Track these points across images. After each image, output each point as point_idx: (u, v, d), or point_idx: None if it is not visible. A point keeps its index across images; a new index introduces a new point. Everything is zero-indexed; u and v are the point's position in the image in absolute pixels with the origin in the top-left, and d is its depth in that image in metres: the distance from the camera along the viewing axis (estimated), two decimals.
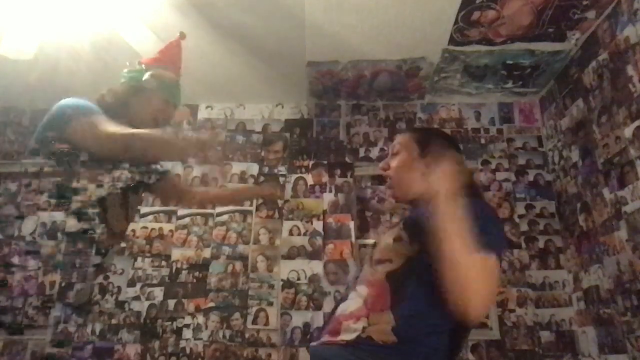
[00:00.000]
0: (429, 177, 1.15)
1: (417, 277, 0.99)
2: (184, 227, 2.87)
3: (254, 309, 2.66)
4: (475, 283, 0.89)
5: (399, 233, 1.10)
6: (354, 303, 1.07)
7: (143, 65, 1.61)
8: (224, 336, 2.61)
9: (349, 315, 1.05)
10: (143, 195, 1.70)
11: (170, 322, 2.65)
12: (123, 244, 2.72)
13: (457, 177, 1.12)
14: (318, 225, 2.83)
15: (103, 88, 1.58)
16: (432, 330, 0.94)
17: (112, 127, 1.33)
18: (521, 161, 2.93)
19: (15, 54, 2.06)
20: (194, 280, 2.74)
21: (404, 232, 1.09)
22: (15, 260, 1.32)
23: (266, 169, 3.02)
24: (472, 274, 0.89)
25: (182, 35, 1.74)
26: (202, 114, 3.20)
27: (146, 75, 1.56)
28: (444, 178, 1.00)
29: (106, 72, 2.74)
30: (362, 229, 2.85)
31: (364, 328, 0.99)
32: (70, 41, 2.39)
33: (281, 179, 2.99)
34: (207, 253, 2.80)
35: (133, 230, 2.86)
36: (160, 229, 2.87)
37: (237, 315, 2.65)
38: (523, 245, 2.73)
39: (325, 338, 1.07)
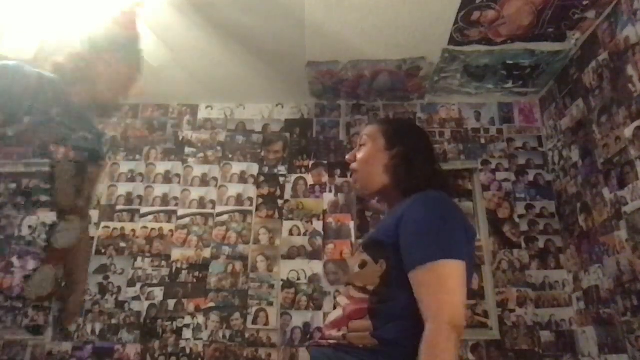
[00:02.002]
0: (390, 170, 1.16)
1: (396, 288, 0.99)
2: (184, 227, 2.87)
3: (254, 309, 2.66)
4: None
5: (362, 258, 1.09)
6: (335, 313, 1.09)
7: (104, 26, 1.51)
8: (224, 336, 2.61)
9: (330, 324, 1.07)
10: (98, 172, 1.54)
11: (170, 322, 2.65)
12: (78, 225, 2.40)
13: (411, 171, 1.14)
14: (318, 225, 2.84)
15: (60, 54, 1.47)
16: (416, 332, 0.93)
17: None
18: (521, 161, 2.93)
19: (15, 54, 2.06)
20: (194, 280, 2.74)
21: (366, 255, 1.08)
22: (15, 260, 1.31)
23: (266, 169, 3.02)
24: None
25: (140, 4, 1.64)
26: (202, 114, 3.20)
27: (105, 34, 1.46)
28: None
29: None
30: (362, 229, 2.84)
31: (344, 335, 1.01)
32: (70, 41, 2.39)
33: (281, 179, 2.99)
34: (207, 253, 2.80)
35: (133, 230, 2.86)
36: (160, 229, 2.87)
37: (237, 315, 2.65)
38: (523, 245, 2.73)
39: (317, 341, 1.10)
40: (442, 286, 0.92)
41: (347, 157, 1.29)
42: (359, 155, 1.24)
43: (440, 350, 0.89)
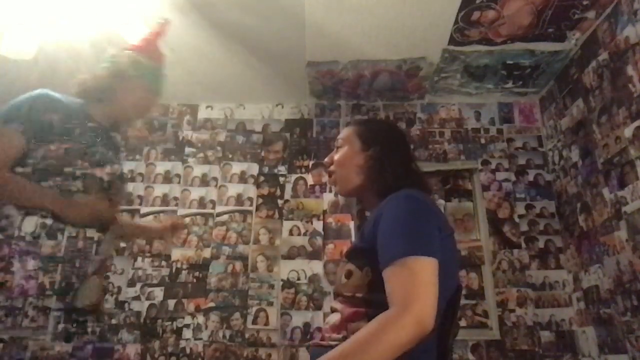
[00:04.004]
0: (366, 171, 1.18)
1: (384, 293, 0.96)
2: (184, 227, 2.87)
3: (254, 309, 2.66)
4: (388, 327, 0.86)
5: (347, 268, 1.09)
6: (333, 317, 1.08)
7: (129, 52, 1.57)
8: (224, 336, 2.61)
9: (330, 329, 1.07)
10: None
11: (170, 322, 2.65)
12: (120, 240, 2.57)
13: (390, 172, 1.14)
14: (318, 225, 2.84)
15: (85, 73, 1.54)
16: None
17: None
18: (521, 161, 2.93)
19: (15, 54, 2.06)
20: (194, 280, 2.74)
21: (351, 264, 1.08)
22: (16, 260, 1.31)
23: (266, 169, 3.02)
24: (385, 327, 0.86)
25: (166, 22, 1.69)
26: (202, 114, 3.20)
27: (130, 61, 1.53)
28: None
29: None
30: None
31: (344, 337, 1.00)
32: (70, 41, 2.39)
33: (281, 179, 2.99)
34: (207, 253, 2.80)
35: None
36: None
37: (237, 315, 2.65)
38: (523, 245, 2.73)
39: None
40: (413, 280, 0.90)
41: (325, 160, 1.32)
42: (336, 158, 1.26)
43: (385, 334, 0.85)
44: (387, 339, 0.84)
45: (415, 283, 0.90)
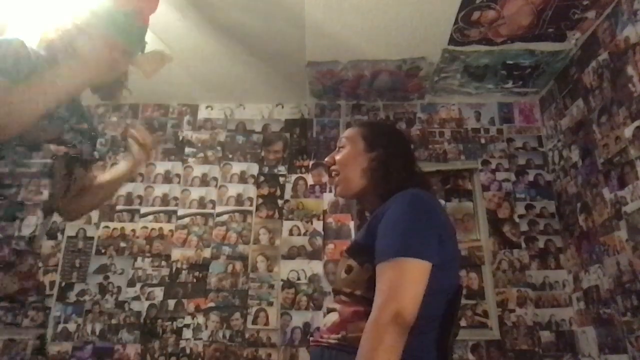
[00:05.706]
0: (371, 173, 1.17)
1: None
2: (184, 227, 2.87)
3: (254, 309, 2.66)
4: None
5: (347, 263, 1.09)
6: (331, 317, 1.08)
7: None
8: (224, 336, 2.61)
9: (328, 330, 1.07)
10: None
11: (170, 322, 2.65)
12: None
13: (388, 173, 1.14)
14: (318, 225, 2.84)
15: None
16: (414, 331, 0.93)
17: None
18: (521, 161, 2.93)
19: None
20: (194, 280, 2.74)
21: (352, 260, 1.08)
22: (15, 260, 1.30)
23: (266, 169, 3.02)
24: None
25: None
26: (202, 114, 3.20)
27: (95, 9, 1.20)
28: None
29: None
30: None
31: (343, 337, 1.01)
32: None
33: (281, 179, 2.99)
34: (207, 253, 2.80)
35: (133, 230, 2.86)
36: (160, 229, 2.87)
37: (237, 315, 2.65)
38: (523, 245, 2.73)
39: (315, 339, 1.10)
40: (398, 281, 0.92)
41: (325, 159, 1.31)
42: (338, 157, 1.26)
43: (376, 341, 0.88)
44: (383, 347, 0.87)
45: (400, 283, 0.92)
